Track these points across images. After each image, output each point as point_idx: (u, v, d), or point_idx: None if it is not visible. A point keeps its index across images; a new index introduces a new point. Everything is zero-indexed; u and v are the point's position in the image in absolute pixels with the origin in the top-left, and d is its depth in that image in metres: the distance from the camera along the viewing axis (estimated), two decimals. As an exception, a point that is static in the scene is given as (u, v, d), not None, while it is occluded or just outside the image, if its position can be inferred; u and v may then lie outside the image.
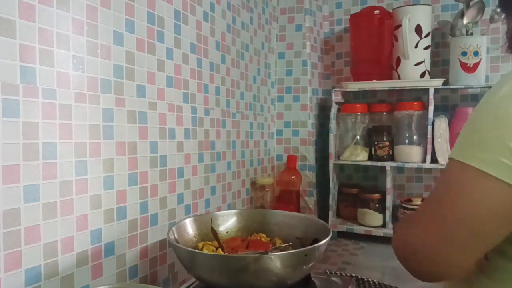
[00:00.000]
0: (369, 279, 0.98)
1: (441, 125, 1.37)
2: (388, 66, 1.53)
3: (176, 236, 0.84)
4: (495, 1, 1.46)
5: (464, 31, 1.43)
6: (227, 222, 0.98)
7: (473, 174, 0.45)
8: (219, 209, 1.20)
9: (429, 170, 1.59)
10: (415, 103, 1.45)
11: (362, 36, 1.56)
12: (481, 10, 1.41)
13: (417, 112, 1.44)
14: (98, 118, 0.77)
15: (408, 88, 1.46)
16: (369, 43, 1.54)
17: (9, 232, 0.61)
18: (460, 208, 0.46)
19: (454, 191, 0.48)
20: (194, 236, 0.91)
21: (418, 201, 1.48)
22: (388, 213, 1.47)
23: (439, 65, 1.59)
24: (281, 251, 0.73)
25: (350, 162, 1.53)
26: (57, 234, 0.69)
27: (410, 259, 0.53)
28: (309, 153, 1.57)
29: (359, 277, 0.99)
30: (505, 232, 0.46)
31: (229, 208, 1.25)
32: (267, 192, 1.43)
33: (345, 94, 1.60)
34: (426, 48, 1.46)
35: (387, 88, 1.51)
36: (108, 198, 0.79)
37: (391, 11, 1.51)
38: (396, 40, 1.48)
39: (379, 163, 1.47)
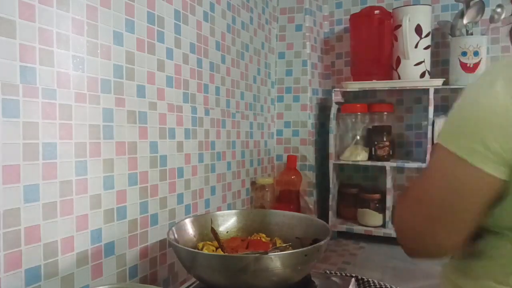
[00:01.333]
0: (369, 279, 0.98)
1: (441, 125, 1.37)
2: (388, 66, 1.53)
3: (176, 236, 0.84)
4: (495, 1, 1.46)
5: (464, 31, 1.43)
6: (227, 222, 0.98)
7: (451, 158, 0.47)
8: (219, 209, 1.20)
9: (429, 170, 1.59)
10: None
11: (362, 36, 1.56)
12: (481, 10, 1.41)
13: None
14: (98, 118, 0.77)
15: (408, 88, 1.46)
16: (369, 43, 1.54)
17: (9, 232, 0.61)
18: (439, 189, 0.49)
19: (434, 173, 0.51)
20: (194, 236, 0.91)
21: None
22: (388, 213, 1.47)
23: (439, 65, 1.59)
24: (281, 251, 0.73)
25: (350, 162, 1.53)
26: (57, 234, 0.69)
27: (403, 236, 0.56)
28: (309, 153, 1.57)
29: (359, 277, 0.99)
30: (480, 211, 0.48)
31: (229, 208, 1.25)
32: (267, 192, 1.43)
33: (345, 94, 1.60)
34: (426, 48, 1.46)
35: (387, 88, 1.51)
36: (108, 198, 0.79)
37: (391, 11, 1.51)
38: (396, 40, 1.48)
39: (379, 163, 1.47)
